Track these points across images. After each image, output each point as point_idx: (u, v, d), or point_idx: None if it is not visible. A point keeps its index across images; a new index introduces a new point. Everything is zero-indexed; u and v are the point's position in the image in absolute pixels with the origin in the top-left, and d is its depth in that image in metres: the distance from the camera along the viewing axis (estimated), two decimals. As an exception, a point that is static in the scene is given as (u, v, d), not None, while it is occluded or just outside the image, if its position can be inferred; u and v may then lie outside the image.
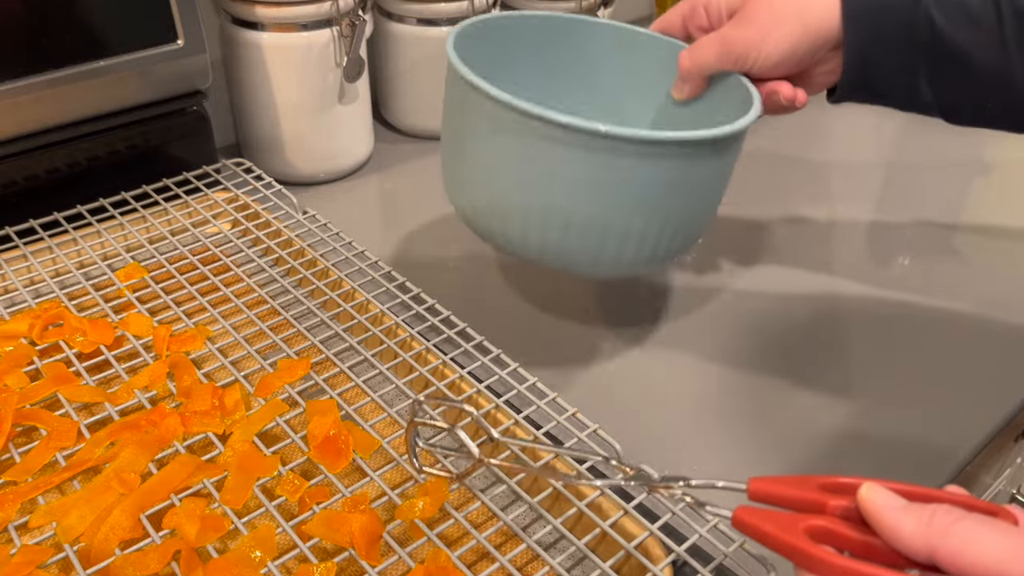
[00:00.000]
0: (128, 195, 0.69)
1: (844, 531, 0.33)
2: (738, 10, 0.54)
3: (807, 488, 0.35)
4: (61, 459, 0.48)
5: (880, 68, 0.52)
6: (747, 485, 0.36)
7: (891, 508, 0.31)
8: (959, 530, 0.29)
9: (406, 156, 0.85)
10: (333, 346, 0.56)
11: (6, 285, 0.61)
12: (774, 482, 0.36)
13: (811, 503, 0.34)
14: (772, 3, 0.52)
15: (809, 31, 0.51)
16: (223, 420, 0.50)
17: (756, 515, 0.35)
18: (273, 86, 0.74)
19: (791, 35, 0.51)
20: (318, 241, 0.66)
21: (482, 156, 0.52)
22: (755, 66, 0.53)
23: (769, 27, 0.52)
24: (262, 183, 0.72)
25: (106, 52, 0.63)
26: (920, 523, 0.30)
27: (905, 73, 0.51)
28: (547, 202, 0.50)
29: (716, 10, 0.55)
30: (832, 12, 0.51)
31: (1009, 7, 0.47)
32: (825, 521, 0.33)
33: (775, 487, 0.35)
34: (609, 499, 0.46)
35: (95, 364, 0.55)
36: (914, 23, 0.49)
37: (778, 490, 0.35)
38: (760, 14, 0.52)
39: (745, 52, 0.53)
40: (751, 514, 0.35)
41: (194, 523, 0.44)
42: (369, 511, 0.44)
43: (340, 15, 0.72)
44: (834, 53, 0.53)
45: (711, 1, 0.56)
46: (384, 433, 0.50)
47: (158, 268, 0.63)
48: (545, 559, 0.43)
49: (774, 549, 0.33)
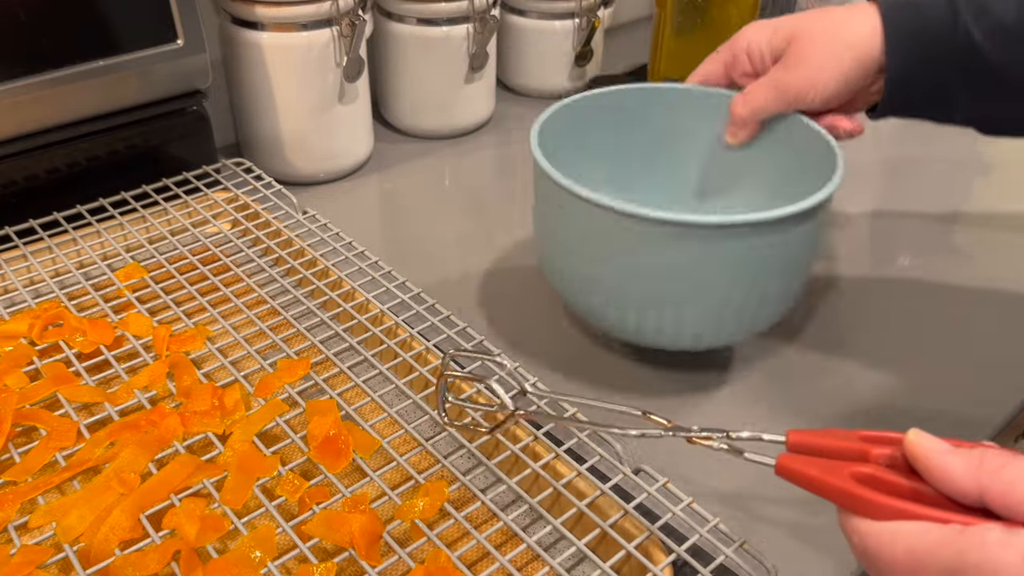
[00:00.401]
0: (128, 195, 0.69)
1: (890, 477, 0.33)
2: (783, 52, 0.55)
3: (848, 439, 0.35)
4: (61, 459, 0.48)
5: (922, 86, 0.53)
6: (786, 437, 0.36)
7: (940, 451, 0.32)
8: (1010, 471, 0.30)
9: (406, 156, 0.85)
10: (333, 346, 0.56)
11: (6, 285, 0.61)
12: (814, 434, 0.36)
13: (853, 452, 0.34)
14: (815, 40, 0.53)
15: (858, 60, 0.52)
16: (223, 420, 0.50)
17: (800, 461, 0.35)
18: (273, 86, 0.74)
19: (842, 68, 0.53)
20: (318, 241, 0.66)
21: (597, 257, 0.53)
22: (812, 104, 0.55)
23: (821, 65, 0.53)
24: (262, 183, 0.72)
25: (106, 52, 0.63)
26: (970, 464, 0.31)
27: (946, 90, 0.52)
28: (655, 291, 0.51)
29: (759, 55, 0.56)
30: (875, 37, 0.52)
31: None
32: (870, 468, 0.33)
33: (815, 438, 0.36)
34: (609, 499, 0.46)
35: (95, 364, 0.55)
36: (954, 41, 0.50)
37: (818, 441, 0.36)
38: (810, 53, 0.53)
39: (802, 93, 0.54)
40: (795, 460, 0.35)
41: (194, 523, 0.44)
42: (369, 511, 0.44)
43: (340, 15, 0.72)
44: (879, 75, 0.54)
45: (752, 48, 0.56)
46: (384, 433, 0.50)
47: (158, 268, 0.63)
48: (545, 559, 0.43)
49: (820, 493, 0.34)
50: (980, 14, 0.49)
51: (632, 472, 0.47)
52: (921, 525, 0.31)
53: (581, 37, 0.92)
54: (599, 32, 0.93)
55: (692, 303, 0.51)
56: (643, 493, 0.46)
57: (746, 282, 0.50)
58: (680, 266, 0.50)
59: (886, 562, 0.32)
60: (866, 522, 0.33)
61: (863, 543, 0.33)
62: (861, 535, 0.33)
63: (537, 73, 0.95)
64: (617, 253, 0.51)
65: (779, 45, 0.55)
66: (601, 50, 0.96)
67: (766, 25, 0.56)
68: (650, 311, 0.52)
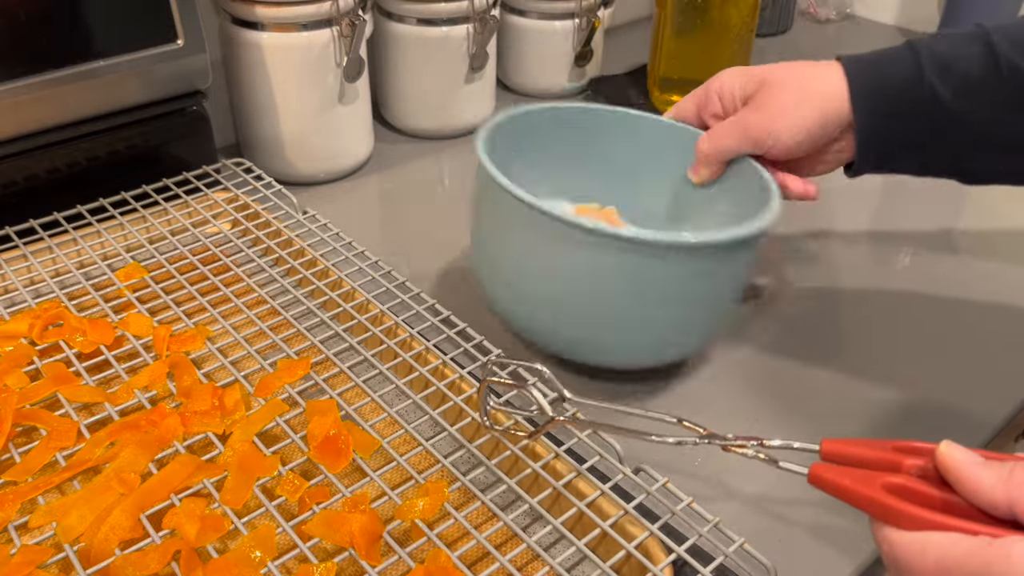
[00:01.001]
0: (128, 195, 0.69)
1: (921, 488, 0.33)
2: (752, 96, 0.56)
3: (880, 449, 0.36)
4: (61, 459, 0.48)
5: (892, 142, 0.54)
6: (820, 446, 0.37)
7: (970, 463, 0.32)
8: None
9: (406, 156, 0.85)
10: (333, 346, 0.56)
11: (6, 285, 0.61)
12: (847, 443, 0.37)
13: (886, 462, 0.35)
14: (785, 88, 0.54)
15: (823, 113, 0.54)
16: (223, 420, 0.50)
17: (833, 471, 0.36)
18: (273, 86, 0.74)
19: (806, 119, 0.54)
20: (318, 241, 0.66)
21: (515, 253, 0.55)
22: (772, 149, 0.56)
23: (785, 112, 0.54)
24: (262, 183, 0.72)
25: (106, 52, 0.63)
26: (1000, 477, 0.31)
27: (918, 145, 0.53)
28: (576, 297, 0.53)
29: (731, 97, 0.58)
30: (842, 94, 0.53)
31: (1009, 70, 0.49)
32: (902, 479, 0.34)
33: (848, 448, 0.37)
34: (609, 499, 0.46)
35: (95, 364, 0.55)
36: (919, 97, 0.51)
37: (851, 451, 0.36)
38: (776, 99, 0.55)
39: (763, 136, 0.55)
40: (828, 470, 0.36)
41: (194, 523, 0.44)
42: (369, 511, 0.44)
43: (340, 15, 0.72)
44: (847, 132, 0.55)
45: (724, 90, 0.58)
46: (384, 433, 0.50)
47: (158, 268, 0.63)
48: (545, 559, 0.43)
49: (852, 503, 0.35)
50: (944, 71, 0.51)
51: (632, 472, 0.47)
52: (951, 536, 0.32)
53: (581, 37, 0.92)
54: (599, 32, 0.93)
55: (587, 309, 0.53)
56: (643, 493, 0.46)
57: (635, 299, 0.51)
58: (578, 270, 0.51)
59: (916, 572, 0.32)
60: (897, 532, 0.33)
61: (893, 552, 0.33)
62: (891, 544, 0.33)
63: (537, 73, 0.95)
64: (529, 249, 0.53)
65: (750, 89, 0.57)
66: (601, 50, 0.96)
67: (742, 70, 0.58)
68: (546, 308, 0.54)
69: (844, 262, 0.72)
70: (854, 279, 0.69)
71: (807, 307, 0.66)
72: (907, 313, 0.66)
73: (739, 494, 0.50)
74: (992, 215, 0.78)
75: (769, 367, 0.60)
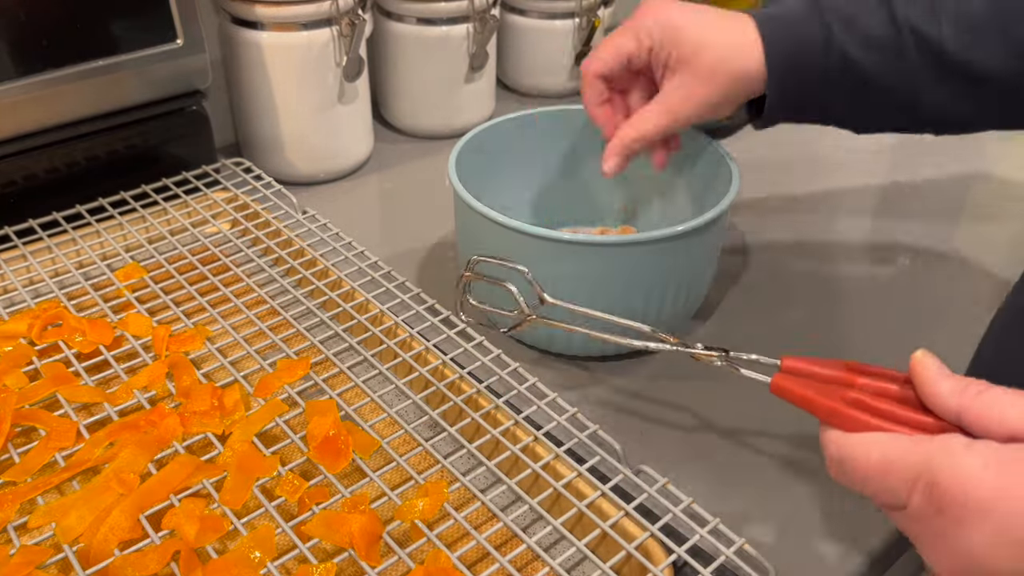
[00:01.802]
0: (127, 195, 0.69)
1: (874, 403, 0.37)
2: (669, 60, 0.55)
3: (834, 368, 0.39)
4: (60, 459, 0.48)
5: (801, 103, 0.55)
6: (780, 361, 0.40)
7: (938, 370, 0.36)
8: (989, 395, 0.34)
9: (406, 156, 0.85)
10: (333, 346, 0.56)
11: (5, 285, 0.61)
12: (805, 360, 0.40)
13: (839, 380, 0.39)
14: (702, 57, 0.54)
15: (736, 92, 0.54)
16: (222, 420, 0.50)
17: (794, 382, 0.39)
18: (273, 86, 0.74)
19: (721, 97, 0.54)
20: (318, 241, 0.66)
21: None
22: (694, 121, 0.56)
23: (702, 88, 0.54)
24: (262, 183, 0.72)
25: (105, 52, 0.63)
26: (956, 386, 0.35)
27: (823, 103, 0.54)
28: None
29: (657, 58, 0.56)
30: (758, 69, 0.53)
31: (908, 29, 0.50)
32: (856, 393, 0.37)
33: (806, 365, 0.40)
34: (609, 500, 0.46)
35: (94, 364, 0.55)
36: (829, 65, 0.52)
37: (808, 367, 0.40)
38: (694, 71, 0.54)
39: (685, 116, 0.55)
40: (790, 380, 0.39)
41: (193, 523, 0.44)
42: (369, 512, 0.44)
43: (340, 14, 0.72)
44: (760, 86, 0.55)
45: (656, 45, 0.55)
46: (384, 433, 0.50)
47: (157, 268, 0.63)
48: (545, 560, 0.43)
49: (812, 411, 0.38)
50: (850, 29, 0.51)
51: (632, 473, 0.47)
52: (893, 435, 0.35)
53: (581, 37, 0.92)
54: (599, 32, 0.93)
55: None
56: (643, 494, 0.46)
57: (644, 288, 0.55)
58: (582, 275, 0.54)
59: (860, 469, 0.35)
60: (843, 434, 0.36)
61: (840, 452, 0.36)
62: (839, 445, 0.36)
63: (537, 73, 0.95)
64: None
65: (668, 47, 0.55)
66: (601, 50, 0.96)
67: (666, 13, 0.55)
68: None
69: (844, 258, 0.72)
70: (854, 274, 0.69)
71: (806, 305, 0.66)
72: (905, 312, 0.66)
73: (739, 495, 0.50)
74: (996, 210, 0.78)
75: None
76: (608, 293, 0.55)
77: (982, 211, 0.79)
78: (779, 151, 0.86)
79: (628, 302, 0.55)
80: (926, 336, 0.63)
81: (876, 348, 0.62)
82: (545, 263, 0.52)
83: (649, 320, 0.53)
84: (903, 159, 0.86)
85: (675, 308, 0.57)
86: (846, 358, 0.39)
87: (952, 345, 0.63)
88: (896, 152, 0.88)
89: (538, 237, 0.53)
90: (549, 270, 0.51)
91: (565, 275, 0.53)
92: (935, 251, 0.73)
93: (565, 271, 0.53)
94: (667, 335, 0.46)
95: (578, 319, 0.49)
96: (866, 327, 0.64)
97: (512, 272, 0.49)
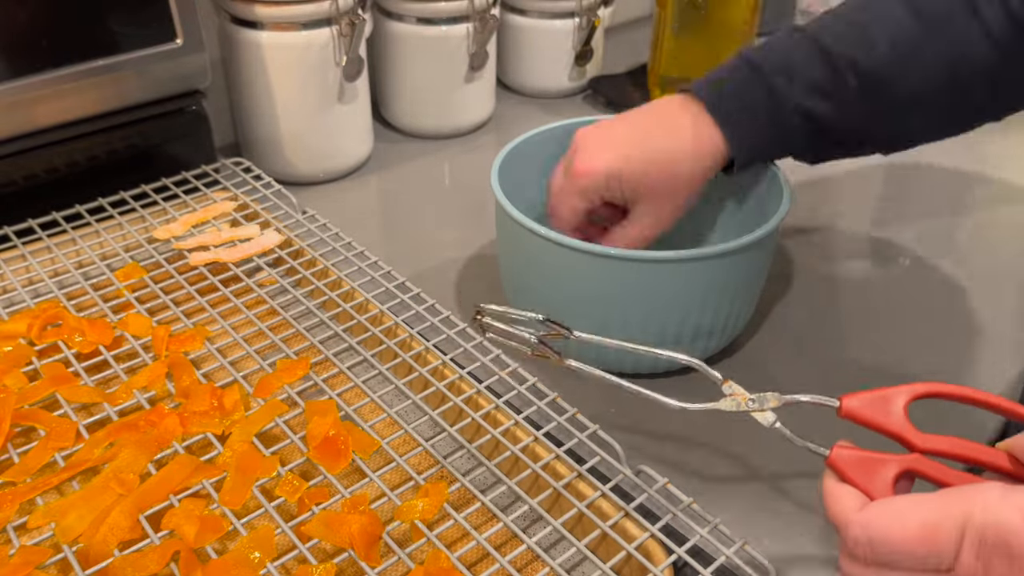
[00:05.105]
0: (127, 195, 0.69)
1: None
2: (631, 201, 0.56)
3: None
4: (60, 459, 0.48)
5: (768, 150, 0.57)
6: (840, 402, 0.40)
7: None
8: None
9: (406, 156, 0.85)
10: (332, 346, 0.56)
11: (5, 285, 0.61)
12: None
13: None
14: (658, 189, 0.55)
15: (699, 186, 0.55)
16: (222, 420, 0.50)
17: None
18: (273, 86, 0.74)
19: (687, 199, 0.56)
20: (318, 241, 0.66)
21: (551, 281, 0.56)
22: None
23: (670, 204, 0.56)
24: (261, 183, 0.72)
25: (105, 51, 0.63)
26: None
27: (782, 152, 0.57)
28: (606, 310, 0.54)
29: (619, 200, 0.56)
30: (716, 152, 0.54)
31: (851, 71, 0.51)
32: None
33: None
34: (609, 500, 0.46)
35: (94, 364, 0.55)
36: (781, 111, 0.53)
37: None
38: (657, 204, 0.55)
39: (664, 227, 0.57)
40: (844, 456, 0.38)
41: (193, 524, 0.43)
42: (368, 512, 0.44)
43: (340, 14, 0.72)
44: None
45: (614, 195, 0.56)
46: (384, 434, 0.50)
47: (157, 268, 0.63)
48: (545, 560, 0.43)
49: None
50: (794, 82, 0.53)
51: (632, 473, 0.47)
52: (915, 498, 0.33)
53: (581, 37, 0.92)
54: (599, 32, 0.93)
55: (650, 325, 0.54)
56: (643, 494, 0.46)
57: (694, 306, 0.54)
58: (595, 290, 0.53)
59: (897, 539, 0.33)
60: (866, 511, 0.34)
61: (868, 532, 0.34)
62: (865, 524, 0.34)
63: (537, 73, 0.95)
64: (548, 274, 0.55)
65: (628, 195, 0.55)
66: (601, 50, 0.96)
67: (606, 177, 0.55)
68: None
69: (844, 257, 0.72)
70: (853, 274, 0.69)
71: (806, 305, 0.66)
72: (906, 313, 0.66)
73: (740, 495, 0.50)
74: (995, 209, 0.78)
75: (768, 365, 0.60)
76: (654, 309, 0.54)
77: (982, 211, 0.79)
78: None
79: (664, 321, 0.54)
80: (926, 336, 0.63)
81: (876, 348, 0.62)
82: (585, 278, 0.51)
83: (683, 341, 0.53)
84: (903, 158, 0.86)
85: (712, 329, 0.56)
86: (846, 358, 0.39)
87: (952, 345, 0.63)
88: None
89: (580, 251, 0.52)
90: (591, 287, 0.51)
91: (604, 293, 0.53)
92: (935, 251, 0.73)
93: (604, 290, 0.53)
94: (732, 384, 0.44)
95: (610, 352, 0.48)
96: (866, 327, 0.64)
97: (527, 318, 0.48)
